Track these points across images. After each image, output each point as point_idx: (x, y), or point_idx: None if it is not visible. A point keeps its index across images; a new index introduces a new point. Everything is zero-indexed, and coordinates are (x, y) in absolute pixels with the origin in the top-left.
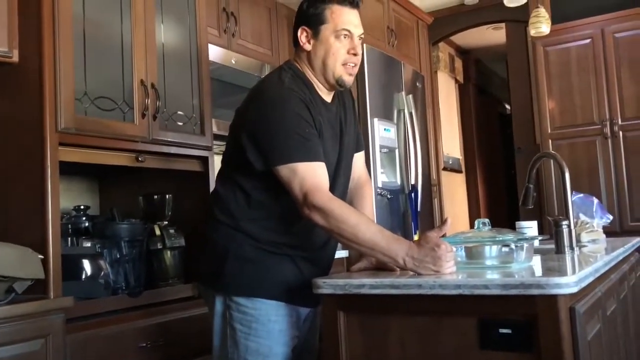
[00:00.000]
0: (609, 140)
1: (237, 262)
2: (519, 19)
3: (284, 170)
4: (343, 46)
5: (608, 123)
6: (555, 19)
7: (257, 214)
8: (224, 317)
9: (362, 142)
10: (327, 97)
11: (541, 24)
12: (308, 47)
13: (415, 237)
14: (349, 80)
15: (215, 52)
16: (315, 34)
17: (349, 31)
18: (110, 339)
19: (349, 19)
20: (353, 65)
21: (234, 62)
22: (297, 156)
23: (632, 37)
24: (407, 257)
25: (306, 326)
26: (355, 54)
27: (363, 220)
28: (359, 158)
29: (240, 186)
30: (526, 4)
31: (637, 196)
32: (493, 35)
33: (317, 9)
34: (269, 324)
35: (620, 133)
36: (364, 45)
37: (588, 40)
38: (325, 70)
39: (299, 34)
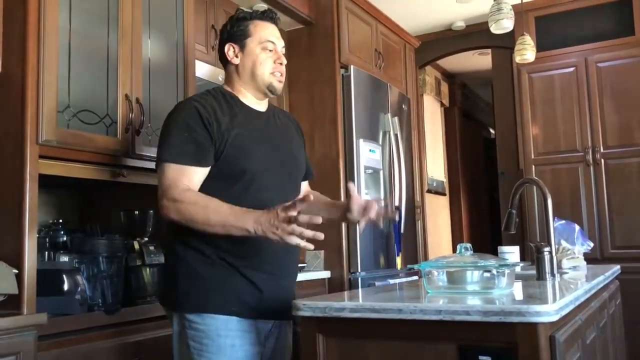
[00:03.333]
0: (591, 168)
1: (188, 279)
2: (504, 46)
3: (158, 169)
4: (269, 57)
5: (590, 150)
6: (540, 47)
7: None
8: (180, 337)
9: (312, 172)
10: (258, 106)
11: (526, 51)
12: (236, 60)
13: (398, 259)
14: (279, 86)
15: (202, 69)
16: (241, 47)
17: (272, 42)
18: (85, 356)
19: (271, 32)
20: (280, 74)
21: (220, 79)
22: (169, 157)
23: (614, 67)
24: (255, 224)
25: (271, 343)
26: (281, 63)
27: (214, 202)
28: (306, 186)
29: None
30: (512, 31)
31: (618, 224)
32: (479, 60)
33: (240, 25)
34: (218, 339)
35: (602, 161)
36: (351, 66)
37: (572, 69)
38: (254, 79)
39: (226, 50)
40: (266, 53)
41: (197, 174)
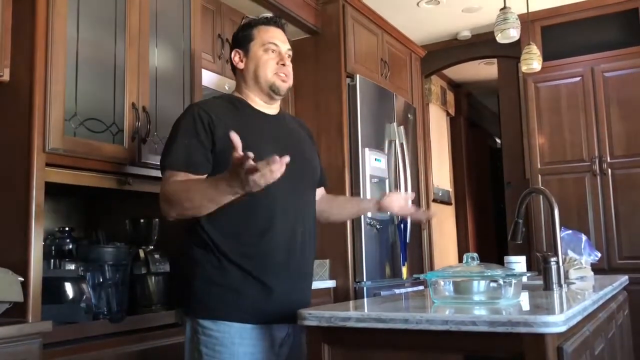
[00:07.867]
0: (598, 178)
1: (202, 284)
2: (510, 55)
3: (162, 173)
4: (271, 58)
5: (597, 160)
6: (546, 56)
7: (214, 223)
8: (192, 342)
9: (325, 180)
10: (268, 109)
11: (533, 61)
12: (241, 65)
13: (404, 269)
14: (282, 85)
15: (208, 78)
16: (246, 52)
17: (275, 44)
18: None
19: (274, 34)
20: (284, 74)
21: (227, 88)
22: (166, 164)
23: (621, 77)
24: (230, 187)
25: (284, 351)
26: (284, 64)
27: (192, 183)
28: (321, 192)
29: None
30: (518, 40)
31: (625, 234)
32: (485, 70)
33: (245, 31)
34: (232, 346)
35: (609, 170)
36: (357, 76)
37: (578, 78)
38: (257, 80)
39: (232, 56)
40: (268, 54)
41: (185, 176)
